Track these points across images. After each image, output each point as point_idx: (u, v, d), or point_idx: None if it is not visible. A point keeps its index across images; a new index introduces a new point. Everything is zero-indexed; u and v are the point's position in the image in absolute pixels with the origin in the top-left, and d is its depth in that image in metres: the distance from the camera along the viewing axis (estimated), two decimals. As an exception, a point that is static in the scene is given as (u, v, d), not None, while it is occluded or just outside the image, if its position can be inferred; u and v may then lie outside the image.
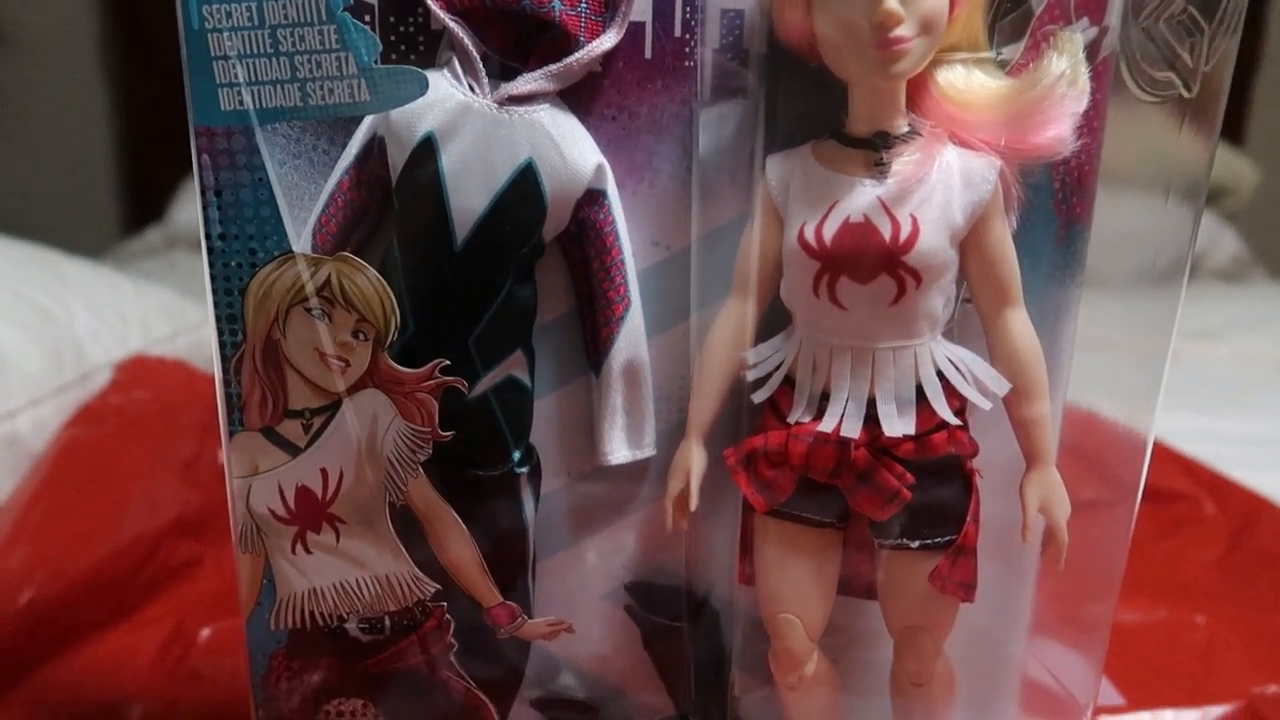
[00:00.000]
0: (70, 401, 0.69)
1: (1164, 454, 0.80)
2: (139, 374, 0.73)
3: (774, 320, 0.36)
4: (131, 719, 0.53)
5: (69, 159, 1.74)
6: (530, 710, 0.40)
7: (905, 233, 0.32)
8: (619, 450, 0.37)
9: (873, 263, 0.32)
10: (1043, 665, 0.41)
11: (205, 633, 0.60)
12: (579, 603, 0.39)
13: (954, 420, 0.33)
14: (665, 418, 0.38)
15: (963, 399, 0.34)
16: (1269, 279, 1.73)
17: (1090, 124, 0.34)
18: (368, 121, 0.34)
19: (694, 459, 0.36)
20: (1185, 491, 0.76)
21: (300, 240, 0.34)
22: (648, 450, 0.38)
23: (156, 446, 0.68)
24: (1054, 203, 0.37)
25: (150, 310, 0.82)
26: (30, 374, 0.66)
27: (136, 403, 0.71)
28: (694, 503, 0.36)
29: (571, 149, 0.34)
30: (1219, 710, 0.51)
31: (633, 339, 0.36)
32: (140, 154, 1.83)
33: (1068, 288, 0.38)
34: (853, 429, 0.33)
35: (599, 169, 0.35)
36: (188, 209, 1.53)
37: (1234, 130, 1.93)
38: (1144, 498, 0.80)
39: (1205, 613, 0.61)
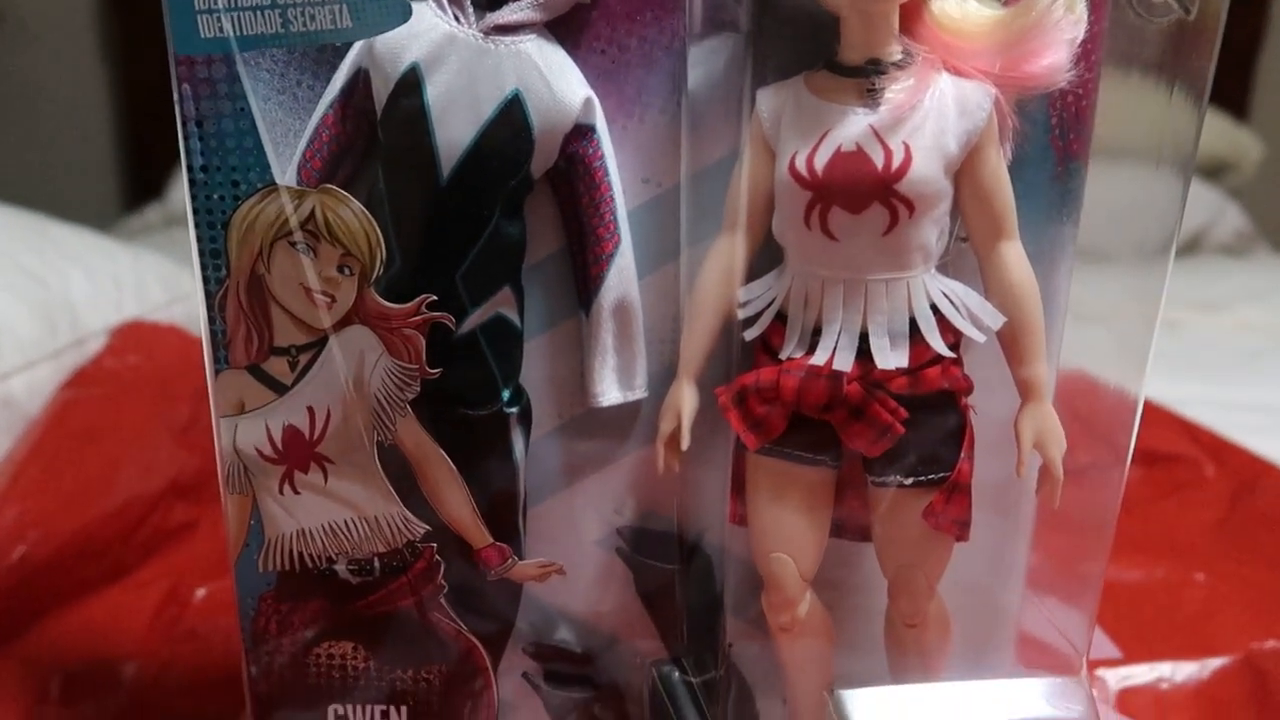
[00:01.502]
0: (65, 365, 0.68)
1: (1165, 418, 0.79)
2: (134, 339, 0.73)
3: (765, 263, 0.36)
4: (126, 677, 0.53)
5: (68, 138, 1.73)
6: (523, 656, 0.40)
7: (898, 160, 0.31)
8: (610, 391, 0.37)
9: (865, 191, 0.31)
10: (1039, 613, 0.40)
11: (201, 593, 0.60)
12: (571, 548, 0.39)
13: (948, 353, 0.33)
14: (657, 359, 0.38)
15: (957, 333, 0.34)
16: (1273, 252, 1.72)
17: (1087, 55, 0.34)
18: (352, 55, 0.33)
19: (685, 399, 0.36)
20: (1186, 454, 0.75)
21: (285, 177, 0.33)
22: (639, 392, 0.37)
23: (152, 410, 0.68)
24: (1050, 139, 0.36)
25: (146, 277, 0.82)
26: (24, 337, 0.66)
27: (131, 367, 0.70)
28: (685, 443, 0.36)
29: (559, 81, 0.33)
30: (1217, 663, 0.51)
31: (623, 277, 0.36)
32: (139, 133, 1.82)
33: (1064, 225, 0.37)
34: (845, 363, 0.33)
35: (587, 103, 0.34)
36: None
37: (1238, 105, 1.92)
38: (1145, 461, 0.81)
39: (1205, 571, 0.61)
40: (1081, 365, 0.38)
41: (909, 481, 0.34)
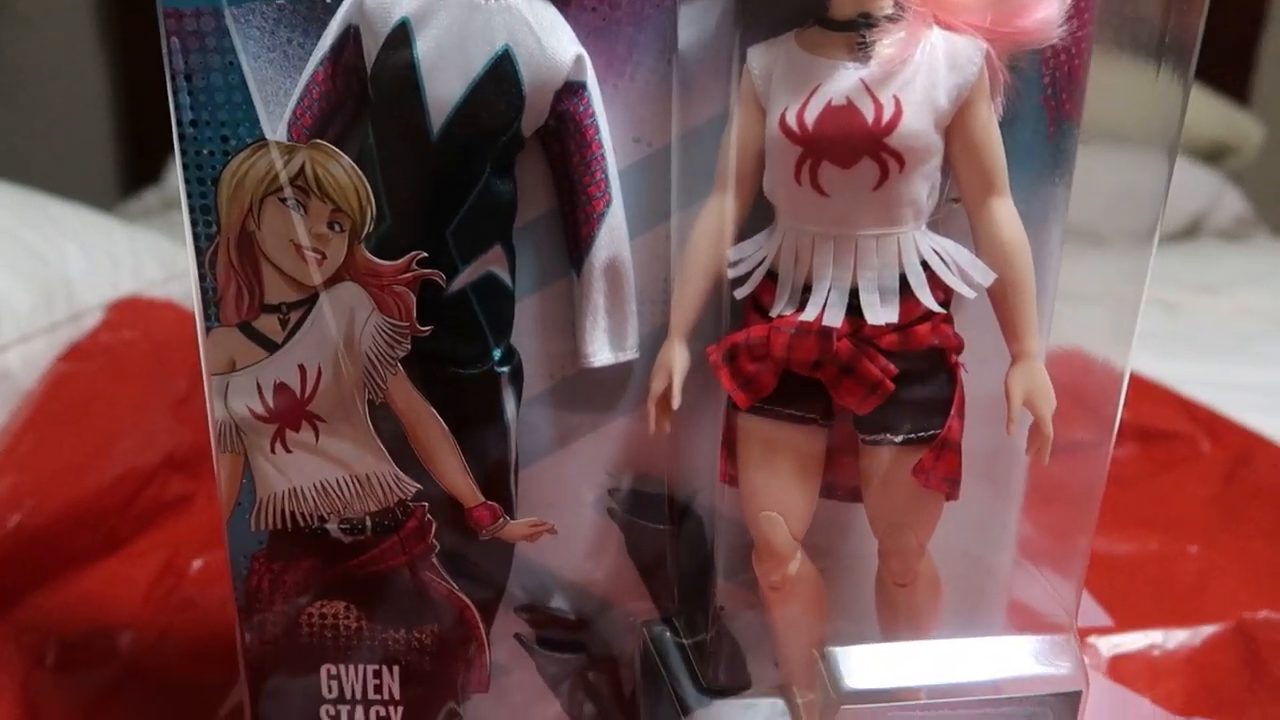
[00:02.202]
0: (61, 340, 0.68)
1: (1162, 395, 0.79)
2: (130, 314, 0.73)
3: (756, 224, 0.36)
4: (123, 645, 0.54)
5: (66, 122, 1.73)
6: (516, 619, 0.40)
7: (888, 114, 0.31)
8: (601, 352, 0.37)
9: (855, 145, 0.31)
10: (1029, 578, 0.40)
11: (198, 563, 0.60)
12: (563, 511, 0.39)
13: (938, 308, 0.33)
14: (648, 320, 0.38)
15: (948, 291, 0.34)
16: (1272, 236, 1.71)
17: (1080, 12, 0.34)
18: (342, 11, 0.33)
19: (676, 358, 0.36)
20: (1182, 431, 0.76)
21: (275, 135, 0.33)
22: (631, 352, 0.37)
23: (148, 384, 0.68)
24: (1043, 98, 0.36)
25: (143, 255, 0.82)
26: (20, 311, 0.66)
27: (127, 342, 0.70)
28: (676, 402, 0.36)
29: (550, 38, 0.33)
30: (1209, 630, 0.51)
31: (614, 236, 0.36)
32: (136, 117, 1.82)
33: (1057, 186, 0.37)
34: (835, 319, 0.33)
35: (578, 60, 0.34)
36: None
37: (1239, 88, 1.91)
38: (1141, 437, 0.81)
39: (1198, 543, 0.61)
40: (1069, 341, 0.38)
41: (899, 439, 0.34)
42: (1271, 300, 1.22)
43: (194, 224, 0.33)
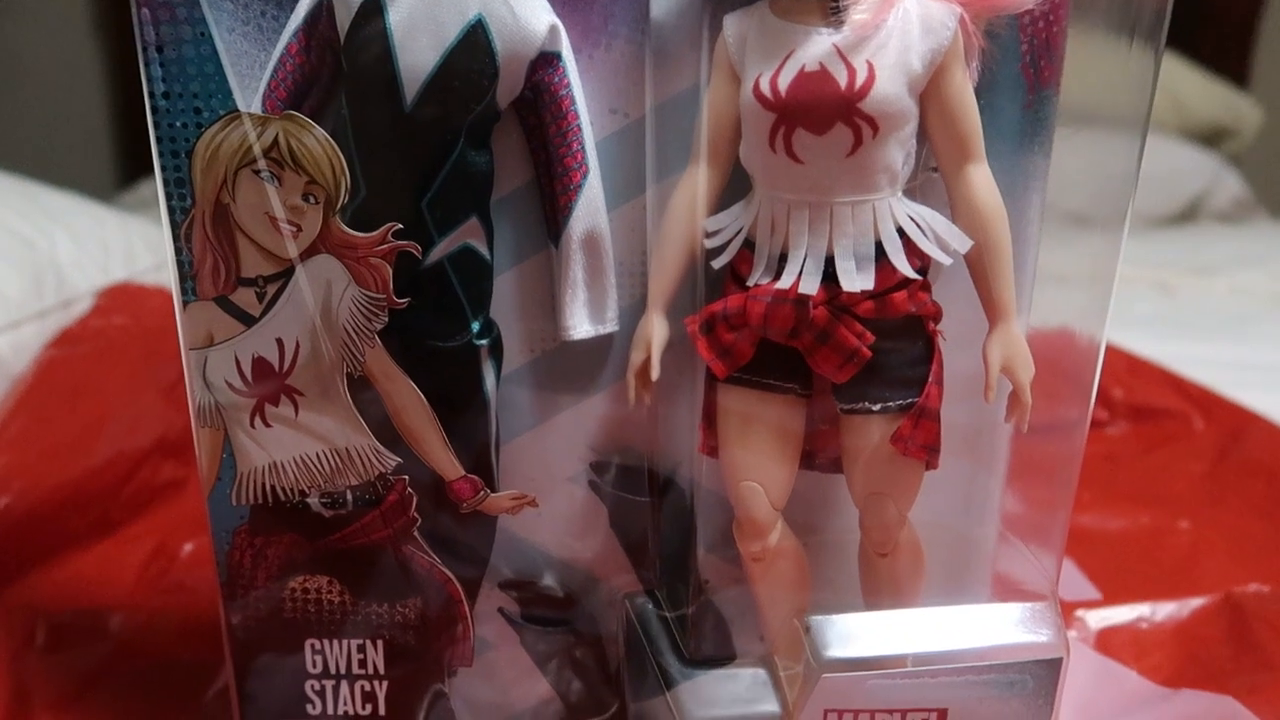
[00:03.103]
0: (51, 326, 0.68)
1: (1154, 373, 0.79)
2: (121, 300, 0.73)
3: (733, 197, 0.35)
4: (113, 626, 0.54)
5: (61, 113, 1.73)
6: (500, 594, 0.40)
7: (861, 79, 0.31)
8: (581, 325, 0.37)
9: (828, 111, 0.31)
10: (1012, 549, 0.40)
11: (188, 547, 0.60)
12: (545, 486, 0.39)
13: (913, 275, 0.33)
14: (628, 293, 0.38)
15: (924, 258, 0.33)
16: (1270, 219, 1.71)
17: (1057, -23, 0.34)
18: (315, -18, 0.33)
19: (655, 330, 0.36)
20: (1175, 408, 0.75)
21: (249, 108, 0.33)
22: (610, 325, 0.37)
23: (138, 369, 0.68)
24: (1021, 66, 0.36)
25: (134, 242, 0.82)
26: (10, 297, 0.66)
27: (118, 327, 0.70)
28: (655, 373, 0.36)
29: (523, 8, 0.33)
30: (1197, 602, 0.51)
31: (592, 207, 0.36)
32: (132, 108, 1.81)
33: (1036, 155, 0.37)
34: (811, 286, 0.33)
35: (552, 30, 0.34)
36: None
37: (1238, 71, 1.90)
38: (1134, 416, 0.80)
39: (1189, 518, 0.61)
40: (1047, 318, 0.38)
41: (877, 408, 0.34)
42: (1268, 281, 1.22)
43: (168, 197, 0.33)
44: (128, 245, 0.82)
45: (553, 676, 0.42)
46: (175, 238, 0.34)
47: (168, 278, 0.84)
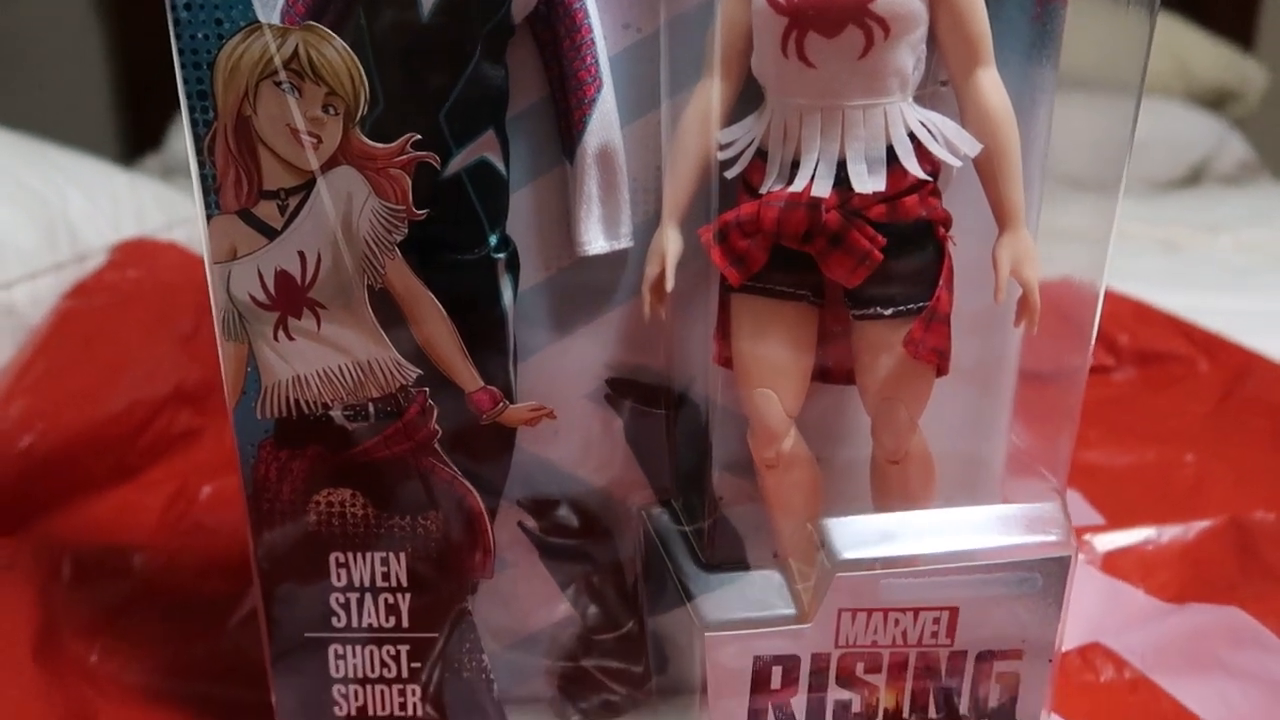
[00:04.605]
0: (66, 279, 0.69)
1: (1159, 319, 0.80)
2: (135, 255, 0.74)
3: (745, 112, 0.36)
4: (136, 566, 0.55)
5: (65, 89, 1.73)
6: (519, 510, 0.41)
7: (872, -20, 0.31)
8: (596, 240, 0.38)
9: (840, 13, 0.32)
10: (1018, 452, 0.41)
11: (207, 490, 0.62)
12: (561, 402, 0.40)
13: (924, 176, 0.33)
14: (642, 210, 0.38)
15: (935, 164, 0.34)
16: (1275, 181, 1.70)
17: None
18: (332, -103, 0.33)
19: (669, 242, 0.36)
20: (1180, 352, 0.76)
21: (269, 20, 0.33)
22: (625, 241, 0.38)
23: (154, 320, 0.69)
24: (1029, -23, 0.36)
25: (145, 202, 0.82)
26: (26, 250, 0.67)
27: (132, 281, 0.71)
28: (670, 284, 0.36)
29: (537, -81, 0.34)
30: (1202, 524, 0.52)
31: (606, 122, 0.36)
32: (136, 83, 1.82)
33: (1044, 67, 0.37)
34: (823, 189, 0.33)
35: (566, -57, 0.34)
36: (184, 137, 1.53)
37: (1244, 33, 1.89)
38: (1140, 360, 0.81)
39: (1194, 453, 0.62)
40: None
41: (888, 312, 0.35)
42: (1271, 237, 1.22)
43: (191, 110, 0.34)
44: (139, 204, 0.82)
45: (571, 596, 0.43)
46: (198, 151, 0.34)
47: (180, 236, 0.85)
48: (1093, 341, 0.40)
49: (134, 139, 1.77)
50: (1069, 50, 0.37)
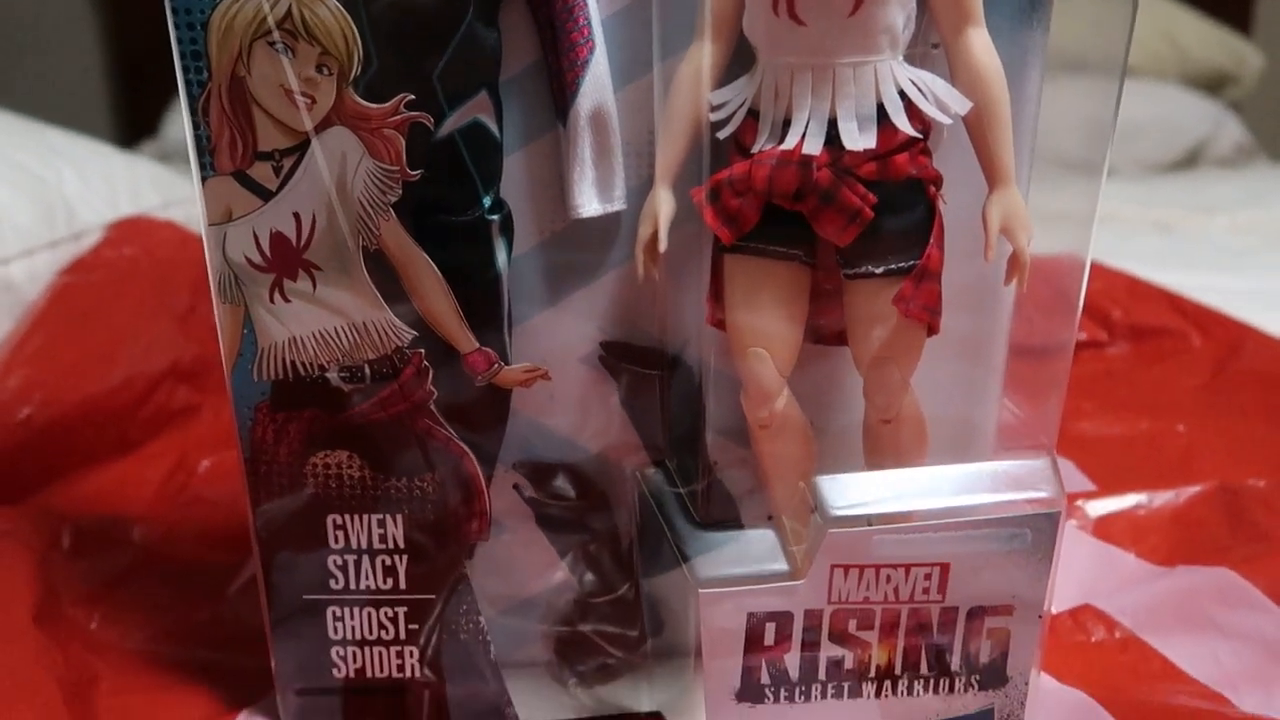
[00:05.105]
0: (63, 256, 0.69)
1: (1153, 293, 0.80)
2: (131, 233, 0.74)
3: (737, 74, 0.36)
4: (136, 537, 0.55)
5: (61, 75, 1.73)
6: (514, 473, 0.41)
7: (861, -64, 0.31)
8: (590, 203, 0.38)
9: (830, -31, 0.32)
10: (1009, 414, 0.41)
11: (205, 464, 0.62)
12: (556, 367, 0.40)
13: (915, 133, 0.33)
14: (635, 174, 0.39)
15: (925, 124, 0.34)
16: (1272, 164, 1.71)
17: None
18: None
19: (662, 203, 0.37)
20: (1173, 327, 0.76)
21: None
22: (618, 203, 0.38)
23: (151, 297, 0.69)
24: (1020, -61, 0.37)
25: (141, 181, 0.82)
26: (22, 226, 0.67)
27: (129, 258, 0.71)
28: (663, 245, 0.37)
29: (529, -120, 0.34)
30: (1193, 490, 0.52)
31: (599, 84, 0.36)
32: (133, 70, 1.82)
33: (1034, 30, 0.38)
34: (814, 147, 0.33)
35: (558, -97, 0.34)
36: (180, 124, 1.53)
37: (1240, 16, 1.89)
38: (1133, 335, 0.81)
39: (1186, 423, 0.62)
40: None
41: (879, 270, 0.35)
42: (1267, 218, 1.22)
43: (185, 70, 0.34)
44: (135, 185, 0.82)
45: (569, 563, 0.44)
46: (193, 112, 0.34)
47: (176, 215, 0.85)
48: (1079, 311, 0.40)
49: (131, 126, 1.77)
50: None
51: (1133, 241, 1.06)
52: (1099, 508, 0.51)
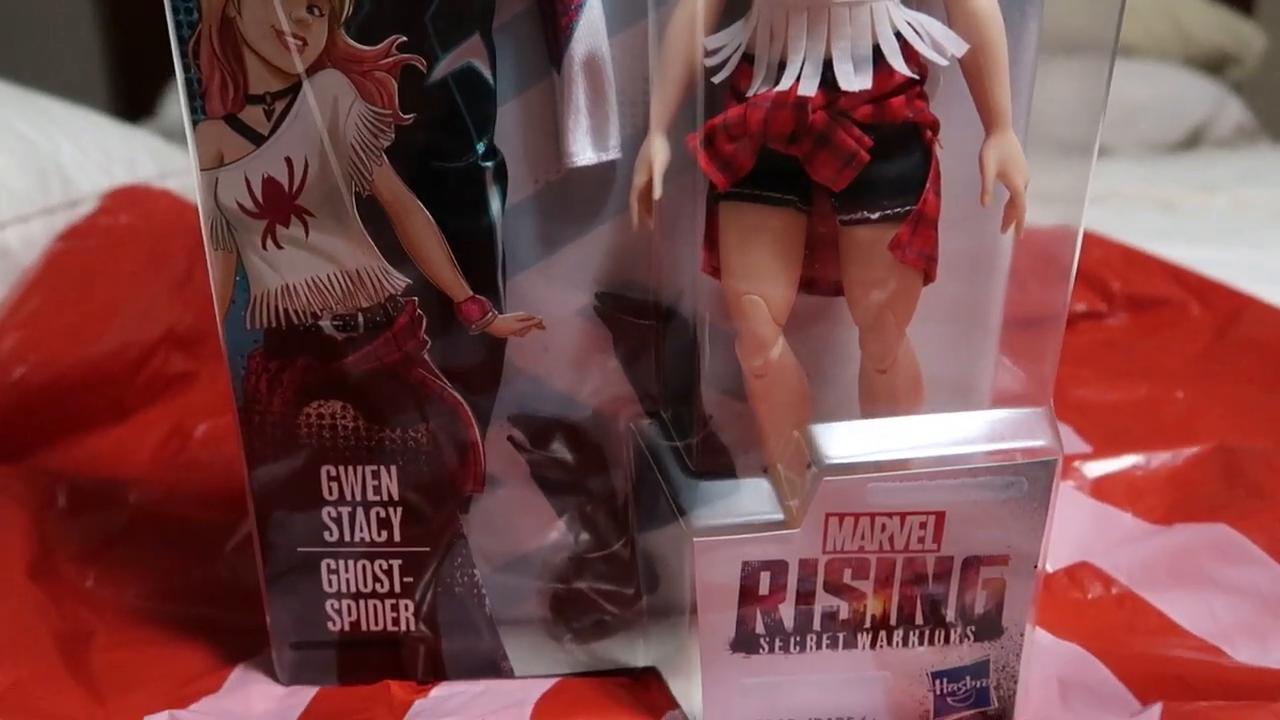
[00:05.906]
0: (58, 223, 0.69)
1: (1152, 264, 0.80)
2: (127, 201, 0.74)
3: (732, 21, 0.36)
4: (132, 498, 0.55)
5: (59, 56, 1.72)
6: (508, 425, 0.41)
7: (858, -128, 0.31)
8: (584, 151, 0.37)
9: (826, -93, 0.32)
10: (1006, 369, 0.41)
11: (202, 428, 0.62)
12: (551, 318, 0.40)
13: (910, 74, 0.33)
14: (630, 123, 0.38)
15: (922, 68, 0.34)
16: (1273, 144, 1.70)
17: None
18: None
19: (656, 151, 0.36)
20: (1172, 297, 0.76)
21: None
22: (613, 152, 0.38)
23: (147, 265, 0.69)
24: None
25: (137, 151, 0.82)
26: (17, 192, 0.67)
27: (125, 226, 0.71)
28: (658, 192, 0.36)
29: None
30: (1190, 451, 0.52)
31: (592, 29, 0.36)
32: (131, 51, 1.81)
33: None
34: (809, 88, 0.33)
35: None
36: (178, 105, 1.52)
37: (1243, -3, 1.88)
38: (1132, 306, 0.81)
39: (1185, 389, 0.62)
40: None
41: (875, 215, 0.35)
42: (1267, 196, 1.22)
43: (175, 11, 0.34)
44: (131, 155, 0.82)
45: (564, 520, 0.44)
46: (183, 55, 0.34)
47: (173, 186, 0.85)
48: (1073, 276, 0.40)
49: (130, 107, 1.76)
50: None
51: (1135, 218, 1.06)
52: (1096, 469, 0.51)
